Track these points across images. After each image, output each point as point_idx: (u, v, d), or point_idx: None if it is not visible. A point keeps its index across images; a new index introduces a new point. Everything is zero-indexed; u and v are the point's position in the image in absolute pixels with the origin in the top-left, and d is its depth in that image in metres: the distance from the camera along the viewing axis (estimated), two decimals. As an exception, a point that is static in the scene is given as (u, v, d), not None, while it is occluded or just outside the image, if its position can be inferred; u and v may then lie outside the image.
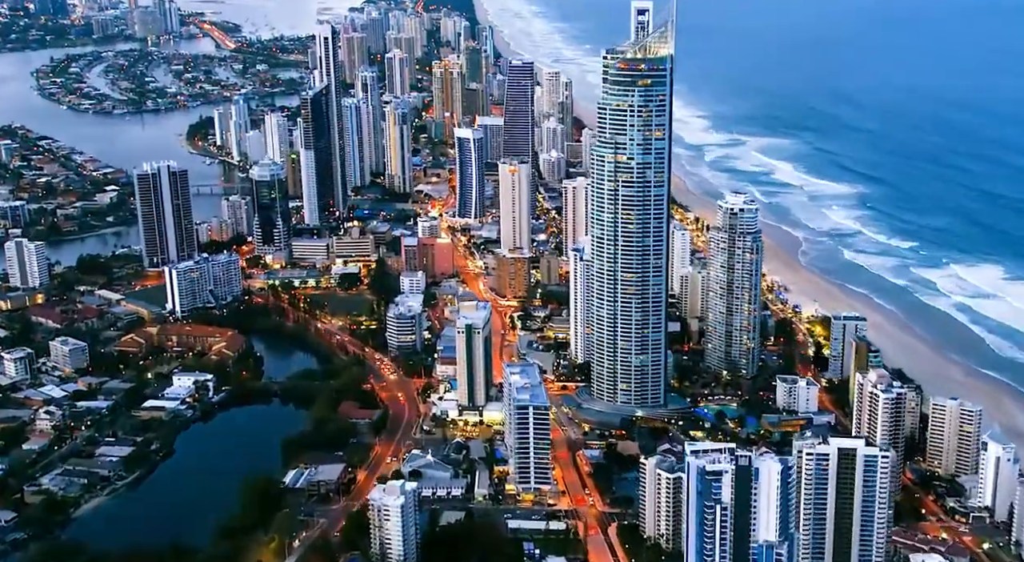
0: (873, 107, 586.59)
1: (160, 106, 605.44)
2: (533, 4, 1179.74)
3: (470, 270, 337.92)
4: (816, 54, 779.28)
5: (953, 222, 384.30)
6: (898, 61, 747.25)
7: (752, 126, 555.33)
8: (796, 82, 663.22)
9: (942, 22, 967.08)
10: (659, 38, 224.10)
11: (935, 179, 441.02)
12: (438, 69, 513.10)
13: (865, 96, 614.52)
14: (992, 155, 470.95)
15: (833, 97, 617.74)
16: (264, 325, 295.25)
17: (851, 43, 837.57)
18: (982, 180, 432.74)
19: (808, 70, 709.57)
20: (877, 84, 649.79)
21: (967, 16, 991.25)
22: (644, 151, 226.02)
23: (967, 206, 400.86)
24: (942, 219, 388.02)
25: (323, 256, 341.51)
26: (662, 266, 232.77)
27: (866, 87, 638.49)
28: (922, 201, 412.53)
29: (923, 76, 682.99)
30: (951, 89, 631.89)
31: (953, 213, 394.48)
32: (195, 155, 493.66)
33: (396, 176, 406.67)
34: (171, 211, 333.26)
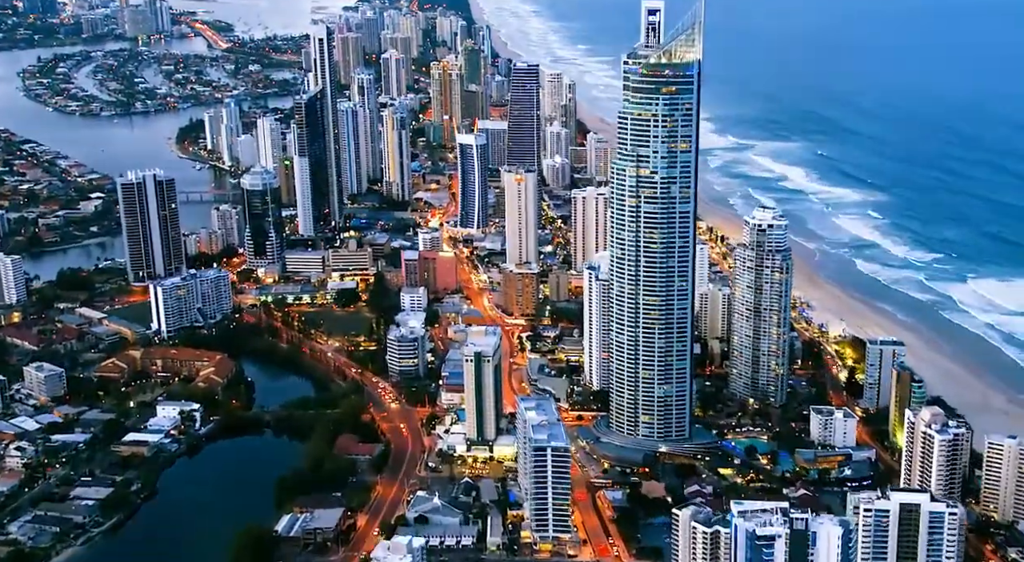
0: (877, 111, 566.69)
1: (149, 108, 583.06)
2: (529, 3, 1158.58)
3: (474, 285, 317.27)
4: (818, 55, 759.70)
5: (970, 234, 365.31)
6: (900, 62, 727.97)
7: (757, 130, 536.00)
8: (798, 85, 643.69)
9: (942, 22, 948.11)
10: (685, 41, 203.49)
11: (945, 188, 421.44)
12: (436, 70, 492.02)
13: (867, 99, 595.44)
14: (998, 163, 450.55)
15: (835, 100, 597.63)
16: (256, 346, 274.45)
17: (852, 44, 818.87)
18: (991, 189, 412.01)
19: (810, 72, 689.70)
20: (880, 86, 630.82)
21: (969, 16, 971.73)
22: (669, 164, 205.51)
23: (980, 217, 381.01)
24: (959, 231, 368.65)
25: (318, 270, 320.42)
26: (687, 289, 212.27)
27: (869, 90, 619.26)
28: (937, 211, 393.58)
29: (925, 78, 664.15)
30: (954, 92, 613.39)
31: (969, 224, 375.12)
32: (185, 160, 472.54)
33: (394, 183, 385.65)
34: (157, 222, 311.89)
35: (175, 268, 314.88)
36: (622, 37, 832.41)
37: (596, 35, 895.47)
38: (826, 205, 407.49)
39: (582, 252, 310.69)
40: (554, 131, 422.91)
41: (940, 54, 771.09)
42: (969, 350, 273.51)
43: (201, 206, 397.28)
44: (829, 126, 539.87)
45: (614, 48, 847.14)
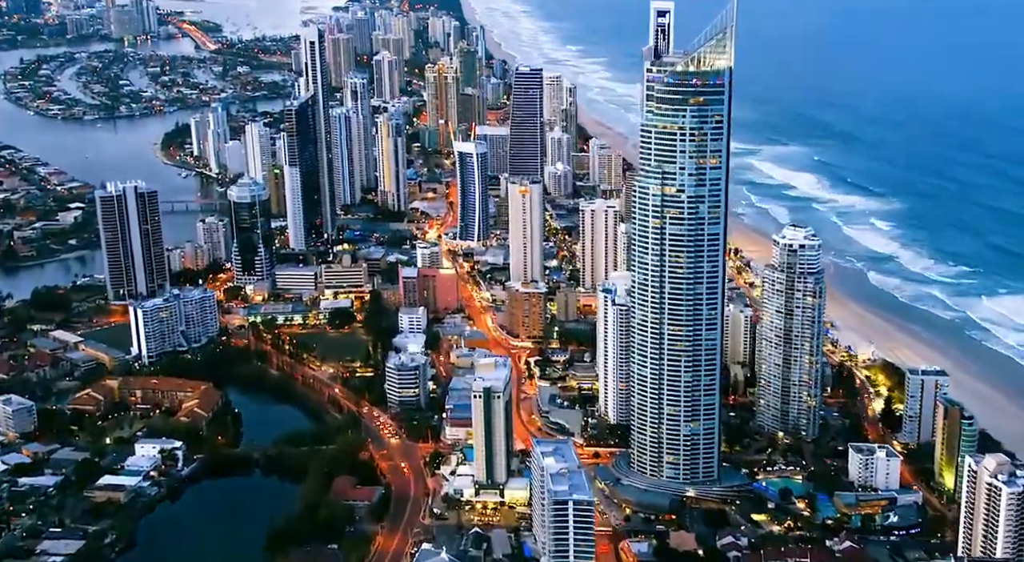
0: (876, 114, 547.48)
1: (134, 112, 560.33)
2: (520, 3, 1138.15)
3: (476, 303, 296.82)
4: (814, 55, 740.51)
5: (979, 246, 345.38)
6: (898, 63, 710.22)
7: (755, 134, 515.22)
8: (794, 86, 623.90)
9: (940, 21, 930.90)
10: (715, 47, 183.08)
11: (951, 195, 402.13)
12: (431, 73, 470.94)
13: (865, 101, 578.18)
14: (1000, 168, 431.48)
15: (832, 103, 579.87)
16: (244, 373, 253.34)
17: (848, 43, 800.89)
18: (993, 196, 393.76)
19: (806, 73, 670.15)
20: (878, 87, 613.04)
21: (966, 15, 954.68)
22: (697, 182, 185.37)
23: (987, 227, 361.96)
24: (970, 242, 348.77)
25: (310, 287, 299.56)
26: (716, 318, 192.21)
27: (867, 91, 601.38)
28: (948, 221, 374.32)
29: (923, 78, 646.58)
30: (953, 93, 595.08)
31: (977, 235, 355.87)
32: (170, 166, 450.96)
33: (390, 193, 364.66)
34: (139, 237, 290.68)
35: (158, 285, 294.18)
36: (613, 37, 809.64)
37: (587, 35, 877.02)
38: (836, 214, 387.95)
39: (590, 268, 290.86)
40: (555, 137, 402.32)
41: (938, 54, 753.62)
42: (1005, 374, 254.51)
43: (186, 216, 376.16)
44: (827, 130, 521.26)
45: (606, 49, 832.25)
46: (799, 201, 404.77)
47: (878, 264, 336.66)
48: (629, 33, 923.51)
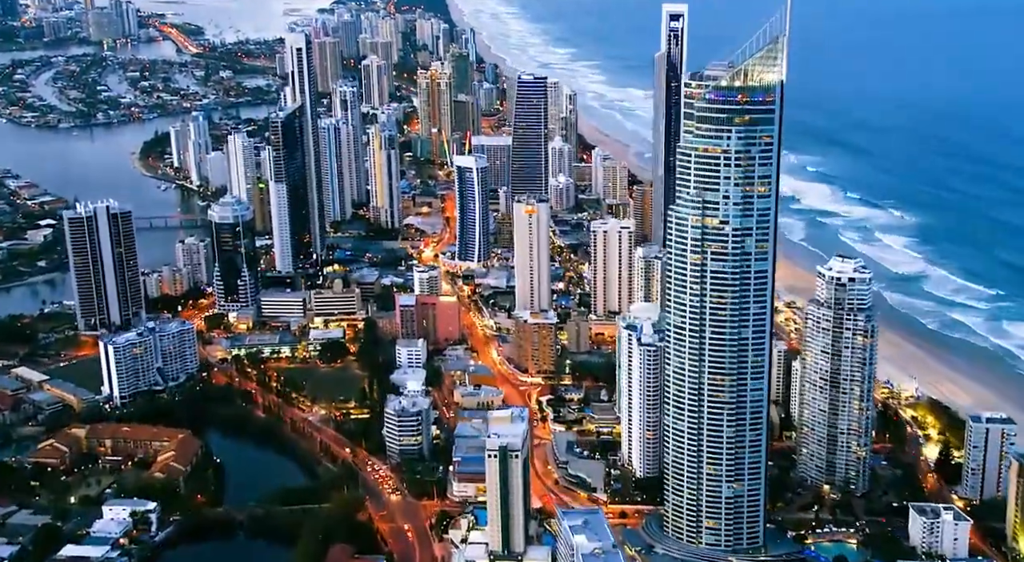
0: (872, 120, 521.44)
1: (112, 119, 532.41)
2: (508, 5, 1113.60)
3: (478, 330, 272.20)
4: (804, 57, 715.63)
5: (991, 262, 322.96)
6: (890, 66, 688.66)
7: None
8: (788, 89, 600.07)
9: (933, 23, 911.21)
10: (765, 59, 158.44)
11: (968, 210, 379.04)
12: (423, 79, 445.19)
13: (859, 107, 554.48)
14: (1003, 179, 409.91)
15: (825, 108, 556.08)
16: (226, 415, 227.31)
17: (841, 45, 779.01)
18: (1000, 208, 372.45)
19: (795, 77, 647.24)
20: (871, 92, 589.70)
21: (961, 17, 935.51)
22: (743, 212, 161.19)
23: (1004, 242, 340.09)
24: (1002, 261, 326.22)
25: (299, 314, 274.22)
26: (763, 366, 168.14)
27: (861, 95, 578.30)
28: (978, 235, 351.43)
29: (916, 82, 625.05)
30: (948, 98, 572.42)
31: (1010, 252, 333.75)
32: (149, 178, 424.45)
33: (382, 209, 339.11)
34: (111, 262, 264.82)
35: (133, 313, 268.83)
36: (602, 40, 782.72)
37: (577, 38, 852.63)
38: (849, 229, 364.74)
39: (603, 294, 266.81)
40: (555, 147, 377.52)
41: (929, 57, 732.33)
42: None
43: (166, 233, 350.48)
44: (823, 138, 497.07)
45: (596, 51, 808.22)
46: (806, 214, 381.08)
47: (901, 285, 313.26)
48: (618, 35, 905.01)
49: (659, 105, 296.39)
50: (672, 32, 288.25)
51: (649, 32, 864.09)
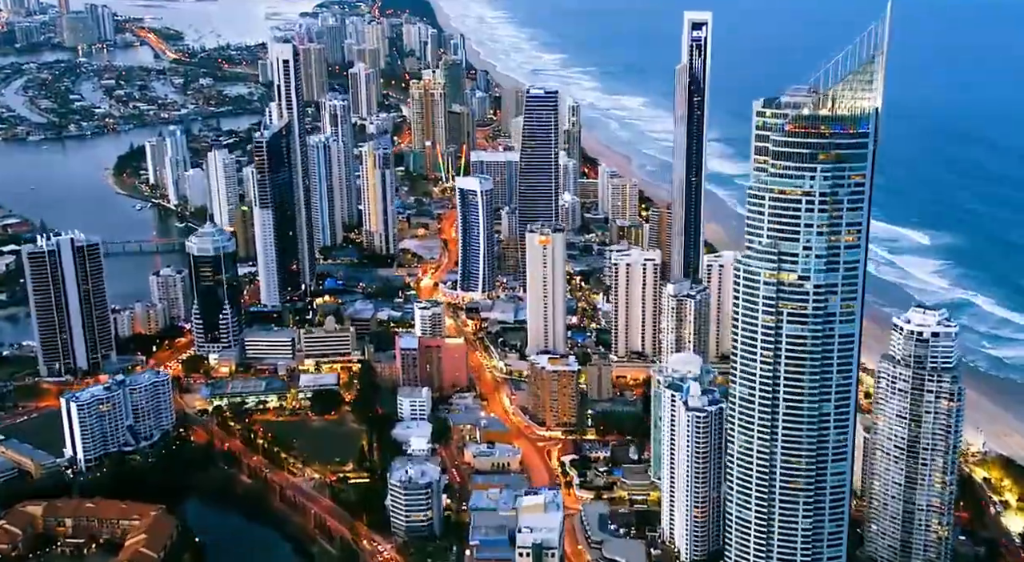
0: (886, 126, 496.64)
1: (85, 131, 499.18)
2: (496, 9, 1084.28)
3: (487, 374, 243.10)
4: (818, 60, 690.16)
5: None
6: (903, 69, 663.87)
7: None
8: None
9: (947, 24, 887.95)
10: (857, 82, 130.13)
11: (989, 229, 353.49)
12: (416, 90, 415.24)
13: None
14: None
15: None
16: (207, 482, 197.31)
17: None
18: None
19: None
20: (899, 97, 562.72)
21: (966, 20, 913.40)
22: (827, 266, 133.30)
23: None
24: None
25: (288, 356, 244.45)
26: (847, 446, 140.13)
27: None
28: (1014, 258, 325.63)
29: (925, 84, 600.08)
30: (961, 102, 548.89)
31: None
32: (123, 196, 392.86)
33: (376, 233, 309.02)
34: (77, 301, 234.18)
35: (102, 356, 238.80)
36: (593, 45, 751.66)
37: (568, 44, 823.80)
38: (888, 250, 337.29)
39: (624, 333, 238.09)
40: (560, 163, 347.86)
41: (942, 58, 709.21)
42: None
43: (140, 260, 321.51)
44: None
45: (586, 57, 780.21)
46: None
47: (953, 313, 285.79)
48: (608, 41, 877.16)
49: (680, 121, 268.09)
50: (695, 42, 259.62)
51: (638, 38, 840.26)
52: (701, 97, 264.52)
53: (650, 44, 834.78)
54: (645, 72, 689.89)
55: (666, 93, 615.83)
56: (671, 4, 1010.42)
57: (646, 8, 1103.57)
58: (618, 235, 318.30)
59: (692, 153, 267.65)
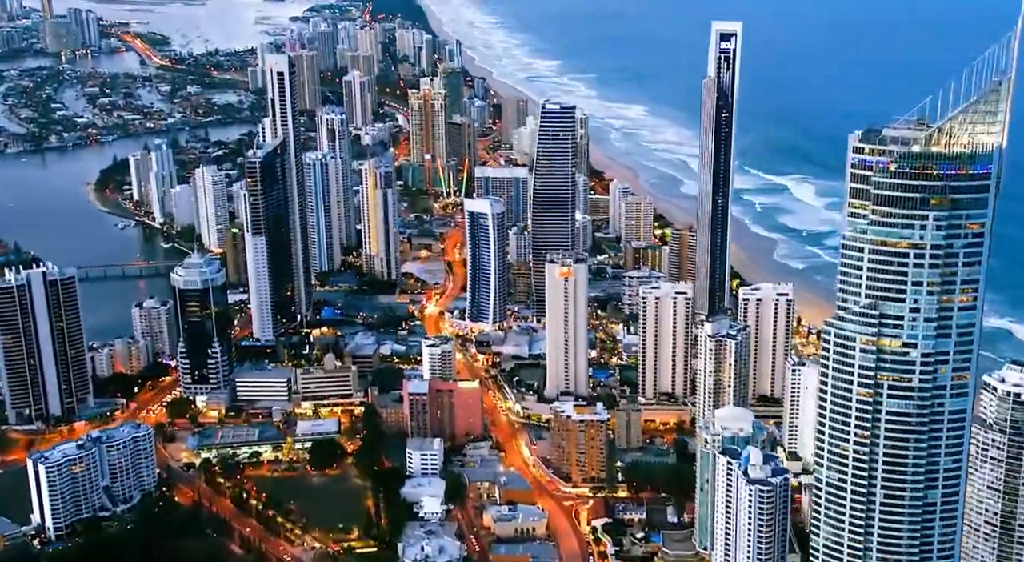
0: None
1: (66, 142, 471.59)
2: (488, 14, 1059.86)
3: (501, 416, 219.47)
4: (842, 70, 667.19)
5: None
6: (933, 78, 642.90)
7: (786, 162, 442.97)
8: (820, 101, 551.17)
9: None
10: (977, 113, 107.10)
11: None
12: (415, 100, 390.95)
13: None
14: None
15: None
16: (193, 554, 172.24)
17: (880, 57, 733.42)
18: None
19: (832, 87, 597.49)
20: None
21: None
22: (938, 331, 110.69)
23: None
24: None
25: (283, 397, 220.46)
26: (954, 543, 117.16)
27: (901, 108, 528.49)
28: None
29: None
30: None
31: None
32: (106, 214, 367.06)
33: (377, 257, 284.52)
34: (50, 340, 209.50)
35: (78, 400, 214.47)
36: (589, 51, 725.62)
37: (562, 50, 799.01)
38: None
39: (652, 372, 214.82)
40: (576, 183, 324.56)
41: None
42: None
43: (123, 285, 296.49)
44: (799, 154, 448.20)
45: (583, 63, 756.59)
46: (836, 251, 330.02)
47: (997, 342, 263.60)
48: (604, 47, 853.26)
49: (707, 138, 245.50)
50: (723, 54, 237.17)
51: (632, 43, 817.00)
52: (729, 113, 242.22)
53: (645, 49, 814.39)
54: (642, 78, 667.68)
55: (667, 101, 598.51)
56: (663, 8, 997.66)
57: (637, 13, 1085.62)
58: (633, 258, 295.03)
59: (719, 173, 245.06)
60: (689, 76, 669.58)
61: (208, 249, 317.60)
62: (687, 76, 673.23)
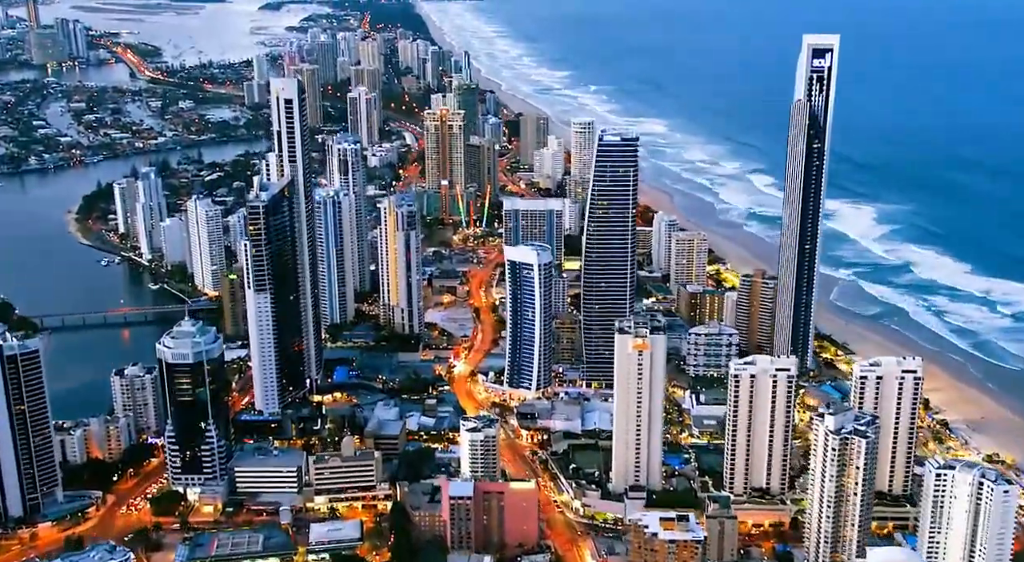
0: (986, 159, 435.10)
1: (47, 163, 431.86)
2: (489, 23, 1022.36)
3: (555, 513, 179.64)
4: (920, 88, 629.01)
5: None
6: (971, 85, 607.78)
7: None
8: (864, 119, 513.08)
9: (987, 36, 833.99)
10: None
11: None
12: (431, 121, 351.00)
13: (949, 140, 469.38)
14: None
15: (906, 141, 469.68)
16: None
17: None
18: None
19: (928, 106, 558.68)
20: (980, 125, 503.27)
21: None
22: None
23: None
24: None
25: (292, 490, 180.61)
26: None
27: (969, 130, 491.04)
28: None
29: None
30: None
31: None
32: (88, 247, 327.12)
33: (398, 308, 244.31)
34: (8, 428, 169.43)
35: (43, 495, 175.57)
36: (600, 60, 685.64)
37: (573, 58, 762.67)
38: (991, 307, 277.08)
39: (745, 464, 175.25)
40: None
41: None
42: None
43: (105, 336, 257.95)
44: (905, 178, 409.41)
45: (595, 73, 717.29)
46: (926, 291, 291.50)
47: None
48: (615, 55, 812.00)
49: (794, 172, 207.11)
50: (815, 73, 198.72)
51: (644, 50, 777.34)
52: (821, 143, 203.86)
53: (658, 56, 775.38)
54: (662, 89, 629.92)
55: (689, 114, 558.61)
56: (664, 12, 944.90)
57: (634, 17, 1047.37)
58: (689, 305, 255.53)
59: (808, 214, 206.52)
60: (714, 85, 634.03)
61: (202, 292, 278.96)
62: (710, 85, 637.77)
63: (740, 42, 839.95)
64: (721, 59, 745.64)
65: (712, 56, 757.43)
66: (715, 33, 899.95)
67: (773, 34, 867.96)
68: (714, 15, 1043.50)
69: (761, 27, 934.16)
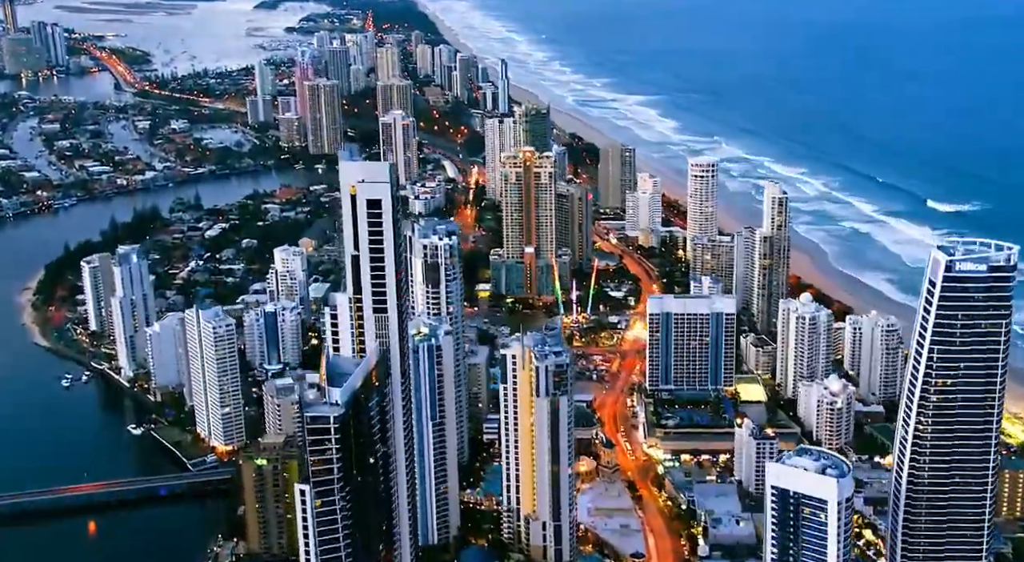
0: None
1: (5, 210, 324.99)
2: (501, 22, 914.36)
3: None
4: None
5: None
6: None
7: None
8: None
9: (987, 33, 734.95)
10: None
11: None
12: (512, 169, 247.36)
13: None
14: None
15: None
16: None
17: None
18: None
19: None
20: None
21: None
22: None
23: None
24: None
25: None
26: None
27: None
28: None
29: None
30: None
31: None
32: (48, 354, 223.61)
33: (536, 518, 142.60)
34: None
35: None
36: (637, 65, 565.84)
37: (607, 63, 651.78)
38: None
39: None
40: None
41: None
42: None
43: (58, 530, 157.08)
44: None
45: (638, 80, 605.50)
46: None
47: None
48: (649, 57, 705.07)
49: None
50: None
51: (680, 56, 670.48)
52: None
53: (694, 59, 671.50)
54: (721, 98, 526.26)
55: (772, 133, 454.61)
56: (672, 11, 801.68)
57: (646, 16, 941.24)
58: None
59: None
60: (775, 94, 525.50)
61: (207, 445, 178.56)
62: (772, 94, 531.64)
63: (766, 43, 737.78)
64: (760, 61, 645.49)
65: (751, 59, 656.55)
66: (739, 34, 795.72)
67: (810, 34, 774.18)
68: (721, 14, 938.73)
69: (785, 25, 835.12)
